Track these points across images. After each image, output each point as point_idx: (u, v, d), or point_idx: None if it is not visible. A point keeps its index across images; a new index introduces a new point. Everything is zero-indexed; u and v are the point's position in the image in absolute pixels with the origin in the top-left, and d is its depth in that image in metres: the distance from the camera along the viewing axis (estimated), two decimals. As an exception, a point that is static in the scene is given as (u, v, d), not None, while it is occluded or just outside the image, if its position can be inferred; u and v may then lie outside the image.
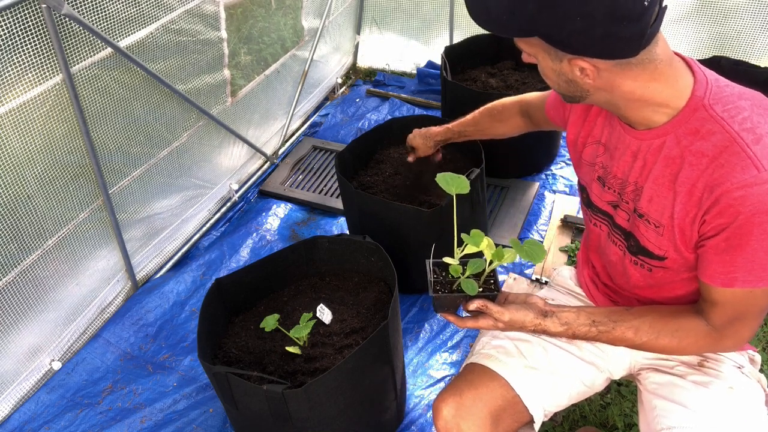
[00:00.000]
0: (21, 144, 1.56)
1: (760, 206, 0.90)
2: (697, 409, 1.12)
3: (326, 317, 1.58)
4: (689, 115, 0.97)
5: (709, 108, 0.95)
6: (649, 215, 1.07)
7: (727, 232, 0.94)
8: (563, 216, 2.42)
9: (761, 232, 0.92)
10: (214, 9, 2.10)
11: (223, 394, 1.42)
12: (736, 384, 1.15)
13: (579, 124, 1.23)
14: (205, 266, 2.30)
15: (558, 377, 1.25)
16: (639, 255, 1.14)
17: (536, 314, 1.12)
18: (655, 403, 1.18)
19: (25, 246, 1.68)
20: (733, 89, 0.98)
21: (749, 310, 1.02)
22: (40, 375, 1.89)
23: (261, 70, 2.59)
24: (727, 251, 0.96)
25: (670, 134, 1.00)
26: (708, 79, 0.98)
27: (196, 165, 2.34)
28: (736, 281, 0.97)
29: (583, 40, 0.89)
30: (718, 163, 0.93)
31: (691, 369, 1.20)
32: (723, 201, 0.93)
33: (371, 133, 2.25)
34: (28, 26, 1.45)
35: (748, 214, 0.91)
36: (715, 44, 2.73)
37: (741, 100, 0.96)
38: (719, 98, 0.96)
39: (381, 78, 3.49)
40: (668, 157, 1.01)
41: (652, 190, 1.05)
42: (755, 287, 0.97)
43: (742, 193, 0.91)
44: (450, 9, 3.20)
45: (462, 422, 1.16)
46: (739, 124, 0.93)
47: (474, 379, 1.22)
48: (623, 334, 1.10)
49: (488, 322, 1.13)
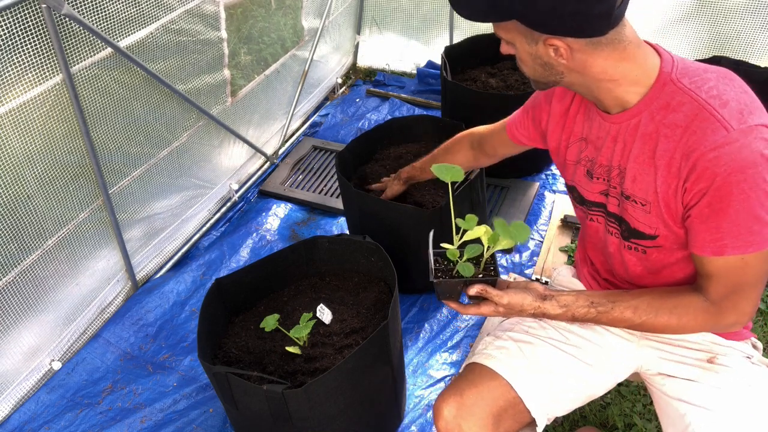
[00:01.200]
0: (21, 144, 1.56)
1: (733, 164, 0.93)
2: (723, 412, 1.12)
3: (326, 317, 1.58)
4: (659, 91, 1.02)
5: (677, 81, 1.01)
6: (635, 195, 1.09)
7: (708, 196, 0.97)
8: (563, 216, 2.42)
9: (740, 192, 0.94)
10: (214, 9, 2.10)
11: (223, 394, 1.42)
12: (753, 380, 1.16)
13: (559, 129, 1.26)
14: (205, 266, 2.30)
15: (560, 379, 1.25)
16: (632, 239, 1.15)
17: (535, 297, 1.13)
18: (682, 410, 1.16)
19: (25, 246, 1.68)
20: (698, 65, 1.03)
21: (745, 280, 1.02)
22: (40, 375, 1.89)
23: (261, 70, 2.59)
24: (711, 217, 0.98)
25: (644, 112, 1.04)
26: (673, 58, 1.04)
27: (196, 165, 2.34)
28: (726, 248, 0.99)
29: (554, 19, 0.95)
30: (690, 131, 0.97)
31: (704, 367, 1.19)
32: (699, 165, 0.96)
33: (371, 133, 2.25)
34: (28, 26, 1.45)
35: (723, 175, 0.94)
36: (715, 44, 2.73)
37: (706, 73, 1.01)
38: (685, 72, 1.01)
39: (381, 78, 3.49)
40: (644, 135, 1.05)
41: (635, 169, 1.08)
42: (745, 253, 0.98)
43: (715, 154, 0.94)
44: (450, 9, 3.20)
45: (463, 422, 1.16)
46: (706, 92, 0.98)
47: (475, 379, 1.22)
48: (622, 314, 1.10)
49: (489, 308, 1.13)
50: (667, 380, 1.23)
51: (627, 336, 1.29)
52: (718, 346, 1.22)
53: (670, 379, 1.22)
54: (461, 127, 2.11)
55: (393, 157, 2.25)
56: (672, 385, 1.21)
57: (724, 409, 1.12)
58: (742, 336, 1.23)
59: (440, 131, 2.25)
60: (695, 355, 1.22)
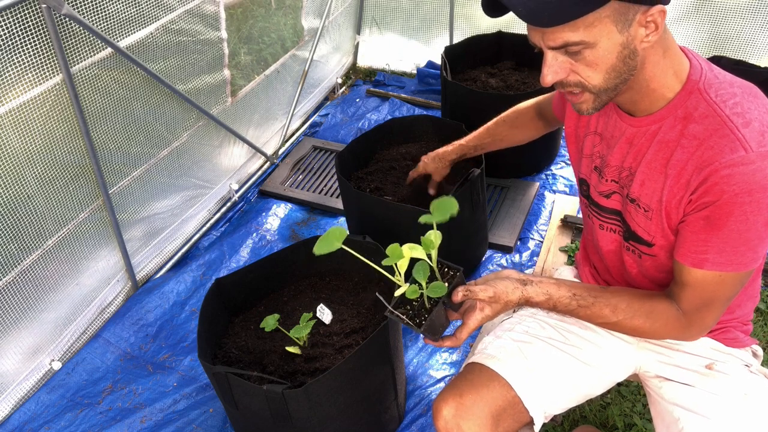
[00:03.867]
0: (21, 144, 1.56)
1: (744, 186, 0.92)
2: (718, 419, 1.11)
3: (326, 317, 1.58)
4: (685, 99, 1.00)
5: (704, 92, 0.98)
6: (639, 199, 1.08)
7: (709, 210, 0.96)
8: (563, 216, 2.42)
9: (741, 213, 0.93)
10: (214, 9, 2.10)
11: (223, 394, 1.42)
12: (750, 389, 1.15)
13: (575, 116, 1.24)
14: (205, 266, 2.30)
15: (559, 379, 1.25)
16: (630, 240, 1.15)
17: (515, 284, 1.10)
18: (676, 414, 1.17)
19: (25, 246, 1.68)
20: (725, 76, 1.01)
21: (717, 297, 1.03)
22: (40, 375, 1.89)
23: (261, 70, 2.59)
24: (705, 230, 0.97)
25: (666, 119, 1.02)
26: (702, 65, 1.02)
27: (196, 165, 2.34)
28: (706, 262, 0.99)
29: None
30: (707, 145, 0.95)
31: (702, 373, 1.19)
32: (710, 180, 0.94)
33: (371, 133, 2.25)
34: (28, 26, 1.45)
35: (731, 194, 0.92)
36: (715, 44, 2.73)
37: (733, 87, 0.98)
38: (712, 83, 0.99)
39: (381, 78, 3.49)
40: (662, 142, 1.02)
41: (645, 174, 1.06)
42: (724, 271, 0.98)
43: (729, 171, 0.92)
44: (450, 9, 3.20)
45: (462, 422, 1.15)
46: (730, 109, 0.95)
47: (474, 379, 1.21)
48: (601, 311, 1.10)
49: (476, 318, 1.09)
50: (664, 383, 1.23)
51: (627, 338, 1.29)
52: (717, 353, 1.21)
53: (667, 383, 1.22)
54: (461, 127, 2.12)
55: (393, 157, 2.25)
56: (668, 388, 1.21)
57: (718, 417, 1.12)
58: (743, 343, 1.22)
59: (440, 131, 2.25)
60: (694, 360, 1.21)
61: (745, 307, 1.22)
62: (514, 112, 1.64)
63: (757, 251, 0.97)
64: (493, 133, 1.69)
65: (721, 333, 1.21)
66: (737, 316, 1.21)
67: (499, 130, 1.67)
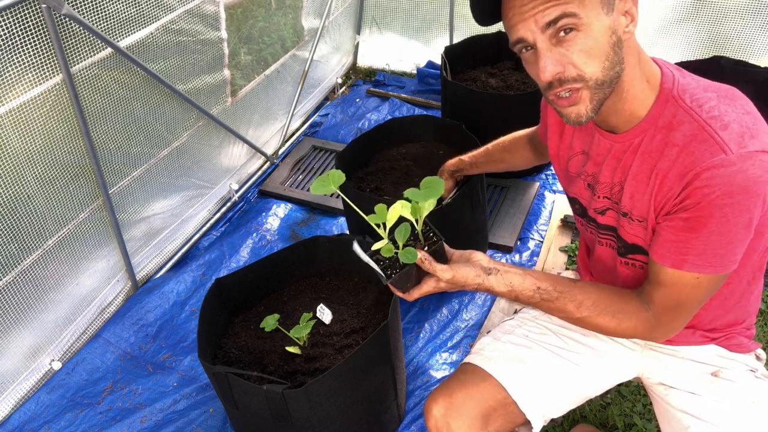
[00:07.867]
0: (21, 144, 1.56)
1: (725, 188, 0.91)
2: (728, 428, 1.11)
3: (326, 317, 1.58)
4: (662, 108, 1.00)
5: (679, 99, 0.98)
6: (632, 212, 1.08)
7: (690, 212, 0.95)
8: (563, 216, 2.42)
9: (722, 215, 0.93)
10: (214, 9, 2.10)
11: (223, 394, 1.42)
12: (758, 396, 1.15)
13: (557, 138, 1.25)
14: (205, 266, 2.30)
15: (558, 385, 1.25)
16: (629, 254, 1.14)
17: (478, 272, 1.09)
18: (686, 422, 1.16)
19: (25, 246, 1.68)
20: (698, 81, 1.01)
21: (690, 299, 1.02)
22: (40, 375, 1.89)
23: (261, 70, 2.59)
24: (685, 231, 0.97)
25: (648, 130, 1.02)
26: (672, 72, 1.02)
27: (196, 165, 2.34)
28: (686, 263, 0.98)
29: None
30: (688, 151, 0.95)
31: (708, 381, 1.19)
32: (693, 184, 0.94)
33: (371, 133, 2.25)
34: (28, 26, 1.45)
35: (712, 196, 0.92)
36: (715, 44, 2.73)
37: (707, 92, 0.98)
38: (686, 89, 0.99)
39: (381, 78, 3.49)
40: (645, 153, 1.02)
41: (632, 186, 1.06)
42: (702, 273, 0.98)
43: (710, 174, 0.92)
44: (450, 9, 3.20)
45: (452, 421, 1.16)
46: (707, 113, 0.95)
47: (466, 379, 1.22)
48: (564, 306, 1.09)
49: (431, 285, 1.10)
50: (669, 391, 1.22)
51: (630, 345, 1.28)
52: (722, 359, 1.21)
53: (673, 390, 1.22)
54: (461, 127, 2.12)
55: (393, 157, 2.25)
56: (675, 396, 1.21)
57: (728, 426, 1.11)
58: (747, 348, 1.22)
59: (440, 131, 2.25)
60: (699, 368, 1.21)
61: (753, 314, 1.21)
62: (511, 136, 1.66)
63: (735, 253, 0.97)
64: (488, 154, 1.71)
65: (725, 339, 1.21)
66: (742, 321, 1.21)
67: (494, 152, 1.69)
